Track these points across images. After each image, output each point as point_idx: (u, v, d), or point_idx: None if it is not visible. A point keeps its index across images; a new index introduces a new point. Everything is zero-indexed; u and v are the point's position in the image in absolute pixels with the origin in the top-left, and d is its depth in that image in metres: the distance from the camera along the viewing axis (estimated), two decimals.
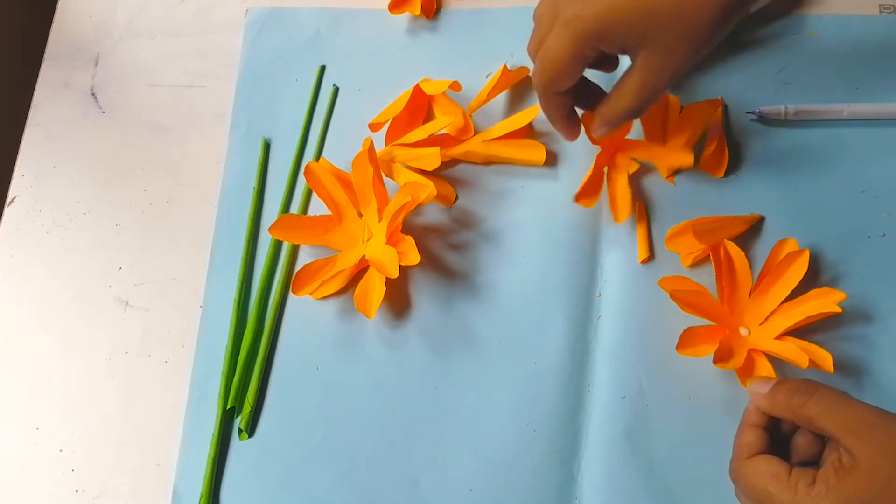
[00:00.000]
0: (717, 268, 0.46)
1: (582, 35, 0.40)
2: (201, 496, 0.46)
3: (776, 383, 0.39)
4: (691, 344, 0.45)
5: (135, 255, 0.53)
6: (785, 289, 0.46)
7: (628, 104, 0.43)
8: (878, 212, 0.50)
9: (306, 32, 0.58)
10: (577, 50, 0.41)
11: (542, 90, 0.44)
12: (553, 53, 0.42)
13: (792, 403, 0.38)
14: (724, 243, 0.46)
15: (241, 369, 0.49)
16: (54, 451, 0.49)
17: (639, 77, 0.42)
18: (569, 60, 0.41)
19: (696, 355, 0.44)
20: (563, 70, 0.42)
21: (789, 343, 0.44)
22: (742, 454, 0.39)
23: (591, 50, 0.41)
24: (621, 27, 0.40)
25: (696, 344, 0.45)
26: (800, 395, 0.37)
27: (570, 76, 0.43)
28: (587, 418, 0.47)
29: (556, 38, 0.41)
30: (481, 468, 0.46)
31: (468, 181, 0.53)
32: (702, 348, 0.45)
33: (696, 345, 0.45)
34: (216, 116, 0.56)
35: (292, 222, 0.50)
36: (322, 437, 0.48)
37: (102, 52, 0.59)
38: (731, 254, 0.46)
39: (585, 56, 0.41)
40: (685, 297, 0.45)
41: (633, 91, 0.42)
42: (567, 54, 0.41)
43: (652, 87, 0.42)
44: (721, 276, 0.46)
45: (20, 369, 0.51)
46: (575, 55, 0.41)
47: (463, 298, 0.50)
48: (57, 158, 0.56)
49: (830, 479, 0.35)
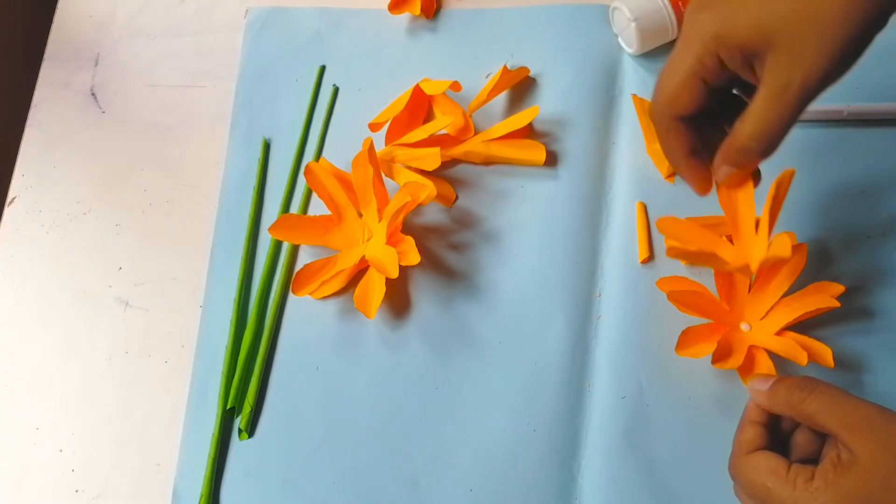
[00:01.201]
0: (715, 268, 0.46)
1: (698, 39, 0.36)
2: (201, 496, 0.46)
3: (776, 381, 0.39)
4: (690, 344, 0.45)
5: (135, 255, 0.53)
6: (784, 284, 0.46)
7: (751, 129, 0.36)
8: (878, 212, 0.50)
9: (306, 32, 0.58)
10: (696, 58, 0.36)
11: (658, 113, 0.39)
12: (672, 66, 0.37)
13: (791, 400, 0.38)
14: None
15: (241, 369, 0.49)
16: (54, 451, 0.49)
17: (763, 93, 0.35)
18: (687, 73, 0.37)
19: (695, 356, 0.44)
20: (682, 85, 0.37)
21: (789, 339, 0.44)
22: (741, 450, 0.39)
23: (710, 58, 0.36)
24: (742, 28, 0.35)
25: (695, 344, 0.45)
26: (799, 392, 0.37)
27: (689, 95, 0.37)
28: (587, 418, 0.47)
29: (674, 51, 0.37)
30: (481, 468, 0.46)
31: (468, 181, 0.53)
32: (701, 348, 0.45)
33: (695, 345, 0.45)
34: (216, 116, 0.56)
35: (292, 222, 0.50)
36: (322, 437, 0.48)
37: (102, 52, 0.59)
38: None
39: (706, 67, 0.36)
40: (683, 298, 0.45)
41: (757, 111, 0.36)
42: (685, 64, 0.37)
43: (778, 104, 0.35)
44: (719, 273, 0.46)
45: (20, 369, 0.51)
46: (694, 65, 0.36)
47: (463, 298, 0.50)
48: (57, 158, 0.56)
49: (829, 476, 0.35)
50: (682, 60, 0.37)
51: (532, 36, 0.56)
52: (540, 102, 0.54)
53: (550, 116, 0.53)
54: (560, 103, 0.54)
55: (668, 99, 0.38)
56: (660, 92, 0.38)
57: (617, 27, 0.55)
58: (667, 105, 0.38)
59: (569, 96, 0.54)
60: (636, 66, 0.54)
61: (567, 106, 0.54)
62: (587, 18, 0.56)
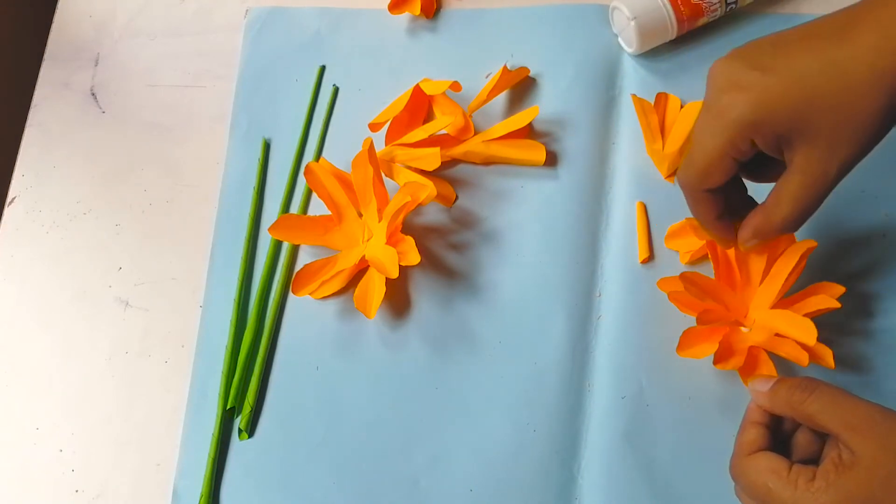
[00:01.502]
0: (715, 265, 0.46)
1: (736, 124, 0.36)
2: (201, 496, 0.46)
3: (777, 381, 0.39)
4: (691, 345, 0.45)
5: (135, 255, 0.53)
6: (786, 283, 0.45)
7: (787, 212, 0.38)
8: (878, 212, 0.50)
9: (306, 32, 0.58)
10: (728, 141, 0.37)
11: (689, 187, 0.40)
12: (702, 145, 0.38)
13: (792, 400, 0.38)
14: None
15: (241, 369, 0.49)
16: (54, 451, 0.49)
17: (800, 179, 0.37)
18: (720, 152, 0.37)
19: (696, 356, 0.44)
20: (714, 164, 0.38)
21: (790, 339, 0.44)
22: (743, 451, 0.39)
23: (744, 142, 0.37)
24: (779, 115, 0.36)
25: (696, 344, 0.45)
26: (800, 392, 0.37)
27: (720, 172, 0.38)
28: (587, 418, 0.47)
29: (705, 128, 0.37)
30: (481, 468, 0.46)
31: (468, 181, 0.53)
32: (702, 348, 0.44)
33: (697, 345, 0.45)
34: (216, 116, 0.56)
35: (292, 222, 0.50)
36: (322, 437, 0.48)
37: (102, 52, 0.59)
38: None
39: (738, 149, 0.37)
40: (684, 298, 0.45)
41: (794, 196, 0.37)
42: (718, 145, 0.37)
43: (815, 191, 0.37)
44: (719, 272, 0.46)
45: (20, 369, 0.51)
46: (727, 147, 0.37)
47: (463, 298, 0.50)
48: (57, 158, 0.56)
49: (830, 476, 0.35)
50: (713, 140, 0.37)
51: (532, 36, 0.56)
52: (540, 102, 0.54)
53: (550, 116, 0.53)
54: (560, 103, 0.54)
55: (699, 175, 0.39)
56: (690, 168, 0.39)
57: (617, 27, 0.55)
58: (698, 181, 0.39)
59: (569, 96, 0.54)
60: (636, 66, 0.54)
61: (567, 106, 0.54)
62: (587, 18, 0.56)
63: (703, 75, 0.53)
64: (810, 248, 0.44)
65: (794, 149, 0.37)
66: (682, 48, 0.54)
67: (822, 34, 0.36)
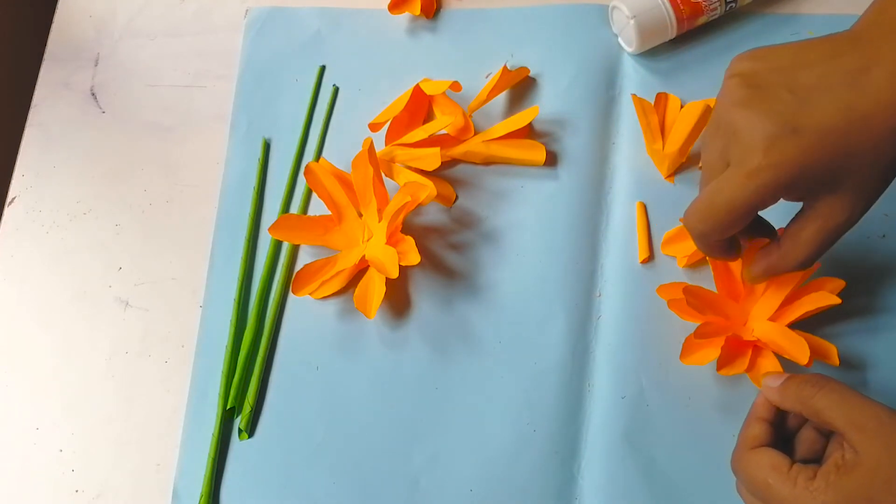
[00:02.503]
0: (714, 267, 0.46)
1: (771, 186, 0.35)
2: (201, 496, 0.46)
3: (788, 377, 0.39)
4: (694, 351, 0.45)
5: (135, 255, 0.53)
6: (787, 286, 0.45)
7: (805, 254, 0.38)
8: (878, 212, 0.50)
9: (306, 32, 0.58)
10: (759, 201, 0.36)
11: (704, 237, 0.39)
12: (728, 201, 0.37)
13: (802, 394, 0.38)
14: None
15: (241, 369, 0.49)
16: (54, 451, 0.49)
17: (822, 224, 0.37)
18: (747, 211, 0.37)
19: (700, 363, 0.44)
20: (737, 220, 0.37)
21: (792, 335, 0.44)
22: (746, 445, 0.39)
23: (773, 200, 0.36)
24: (811, 174, 0.35)
25: (698, 350, 0.45)
26: (810, 387, 0.38)
27: (741, 225, 0.38)
28: (587, 418, 0.47)
29: (734, 185, 0.36)
30: (481, 468, 0.46)
31: (468, 181, 0.53)
32: (705, 354, 0.44)
33: (699, 351, 0.45)
34: (216, 116, 0.56)
35: (292, 222, 0.50)
36: (322, 437, 0.48)
37: (102, 52, 0.59)
38: None
39: (766, 205, 0.37)
40: (683, 306, 0.45)
41: (814, 239, 0.38)
42: (746, 204, 0.36)
43: (836, 233, 0.37)
44: (718, 274, 0.46)
45: (20, 369, 0.51)
46: (755, 205, 0.36)
47: (463, 298, 0.50)
48: (57, 158, 0.56)
49: (831, 476, 0.35)
50: (741, 198, 0.36)
51: (532, 36, 0.56)
52: (540, 102, 0.54)
53: (550, 116, 0.53)
54: (560, 103, 0.54)
55: (719, 228, 0.38)
56: (708, 220, 0.38)
57: (616, 26, 0.55)
58: (717, 233, 0.38)
59: (569, 96, 0.54)
60: (636, 66, 0.54)
61: (567, 106, 0.54)
62: (587, 18, 0.56)
63: (703, 75, 0.54)
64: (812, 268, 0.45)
65: (818, 198, 0.37)
66: (682, 48, 0.54)
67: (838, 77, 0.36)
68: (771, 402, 0.40)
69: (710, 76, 0.53)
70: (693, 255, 0.48)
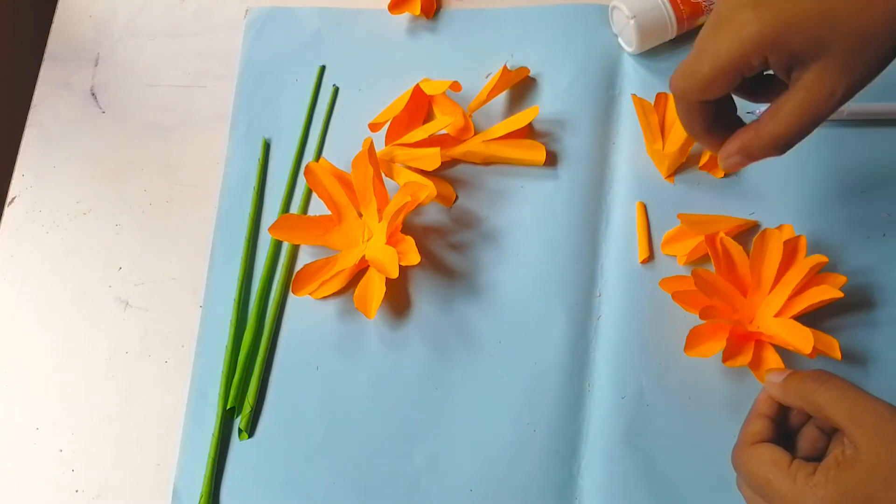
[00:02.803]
0: (715, 263, 0.46)
1: (755, 40, 0.35)
2: (201, 496, 0.46)
3: (790, 373, 0.39)
4: (698, 343, 0.45)
5: (135, 255, 0.53)
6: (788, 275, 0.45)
7: (782, 129, 0.37)
8: (878, 212, 0.50)
9: (306, 32, 0.58)
10: (742, 55, 0.36)
11: (686, 95, 0.39)
12: (712, 55, 0.36)
13: (803, 389, 0.38)
14: (721, 237, 0.46)
15: (241, 369, 0.49)
16: (54, 451, 0.49)
17: (804, 97, 0.36)
18: (731, 65, 0.36)
19: (704, 355, 0.44)
20: (722, 75, 0.37)
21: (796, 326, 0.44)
22: (747, 440, 0.39)
23: (757, 58, 0.36)
24: (799, 34, 0.35)
25: (703, 342, 0.45)
26: (812, 382, 0.38)
27: (725, 84, 0.37)
28: (587, 418, 0.47)
29: (717, 39, 0.36)
30: (481, 468, 0.46)
31: (468, 181, 0.53)
32: (710, 346, 0.44)
33: (704, 343, 0.45)
34: (216, 116, 0.56)
35: (292, 222, 0.50)
36: (322, 437, 0.48)
37: (102, 52, 0.59)
38: (728, 247, 0.46)
39: (750, 64, 0.36)
40: (688, 297, 0.45)
41: (795, 113, 0.36)
42: (731, 57, 0.36)
43: (817, 109, 0.36)
44: (720, 270, 0.46)
45: (20, 369, 0.51)
46: (739, 60, 0.36)
47: (463, 298, 0.50)
48: (57, 158, 0.56)
49: (831, 472, 0.35)
50: (727, 52, 0.36)
51: (532, 36, 0.56)
52: (540, 102, 0.54)
53: (550, 116, 0.53)
54: (560, 103, 0.54)
55: (701, 85, 0.37)
56: (691, 76, 0.38)
57: (616, 26, 0.55)
58: (699, 90, 0.38)
59: (569, 96, 0.54)
60: (636, 66, 0.54)
61: (567, 106, 0.54)
62: (587, 18, 0.56)
63: None
64: (821, 262, 0.45)
65: (805, 68, 0.36)
66: (683, 48, 0.54)
67: None
68: (773, 397, 0.40)
69: None
70: (693, 252, 0.48)
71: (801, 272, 0.45)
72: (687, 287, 0.46)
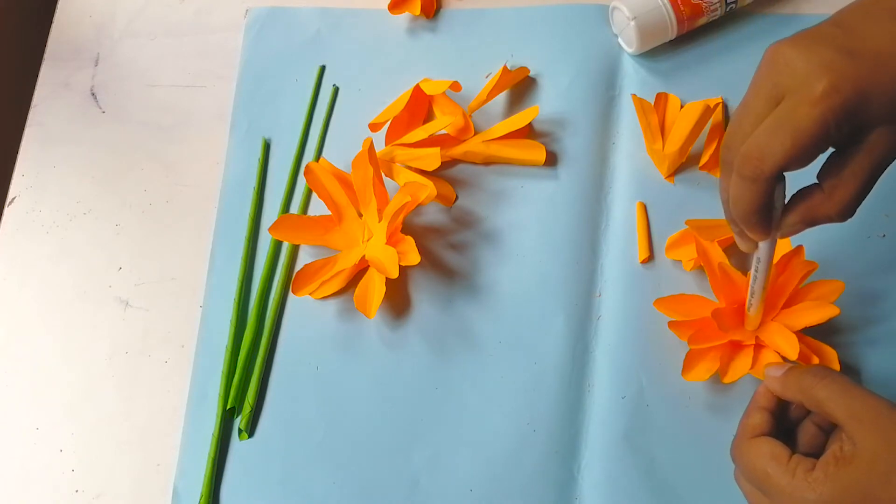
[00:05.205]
0: (711, 279, 0.46)
1: (836, 110, 0.33)
2: (201, 496, 0.46)
3: (790, 367, 0.39)
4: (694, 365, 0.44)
5: (135, 255, 0.53)
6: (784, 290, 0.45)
7: (850, 190, 0.35)
8: (878, 212, 0.50)
9: (306, 32, 0.58)
10: (824, 128, 0.33)
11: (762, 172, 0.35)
12: (794, 129, 0.34)
13: (803, 384, 0.38)
14: (711, 253, 0.46)
15: (241, 369, 0.49)
16: (54, 451, 0.49)
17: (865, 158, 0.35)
18: (812, 141, 0.34)
19: (702, 378, 0.44)
20: (805, 149, 0.34)
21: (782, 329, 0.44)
22: (746, 434, 0.39)
23: (839, 128, 0.34)
24: (874, 100, 0.33)
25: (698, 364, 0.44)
26: (811, 377, 0.37)
27: (805, 158, 0.34)
28: (587, 418, 0.47)
29: (800, 114, 0.34)
30: (481, 468, 0.46)
31: (468, 181, 0.53)
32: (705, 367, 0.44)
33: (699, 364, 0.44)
34: (216, 116, 0.56)
35: (292, 222, 0.50)
36: (322, 437, 0.48)
37: (102, 52, 0.59)
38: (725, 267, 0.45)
39: (830, 136, 0.34)
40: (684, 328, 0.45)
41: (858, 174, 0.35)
42: (815, 131, 0.33)
43: (879, 168, 0.35)
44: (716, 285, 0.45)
45: (20, 369, 0.51)
46: (823, 132, 0.33)
47: (463, 298, 0.50)
48: (57, 158, 0.56)
49: (830, 468, 0.35)
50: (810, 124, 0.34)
51: (532, 36, 0.56)
52: (540, 102, 0.54)
53: (550, 116, 0.53)
54: (560, 103, 0.54)
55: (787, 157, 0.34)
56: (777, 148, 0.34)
57: (616, 27, 0.55)
58: (776, 164, 0.35)
59: (569, 96, 0.54)
60: (636, 66, 0.54)
61: (567, 106, 0.54)
62: (587, 18, 0.56)
63: (703, 75, 0.54)
64: (811, 269, 0.44)
65: (871, 130, 0.34)
66: (682, 48, 0.54)
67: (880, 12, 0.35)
68: (773, 391, 0.40)
69: (710, 76, 0.54)
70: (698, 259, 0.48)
71: (794, 279, 0.45)
72: (679, 306, 0.46)
